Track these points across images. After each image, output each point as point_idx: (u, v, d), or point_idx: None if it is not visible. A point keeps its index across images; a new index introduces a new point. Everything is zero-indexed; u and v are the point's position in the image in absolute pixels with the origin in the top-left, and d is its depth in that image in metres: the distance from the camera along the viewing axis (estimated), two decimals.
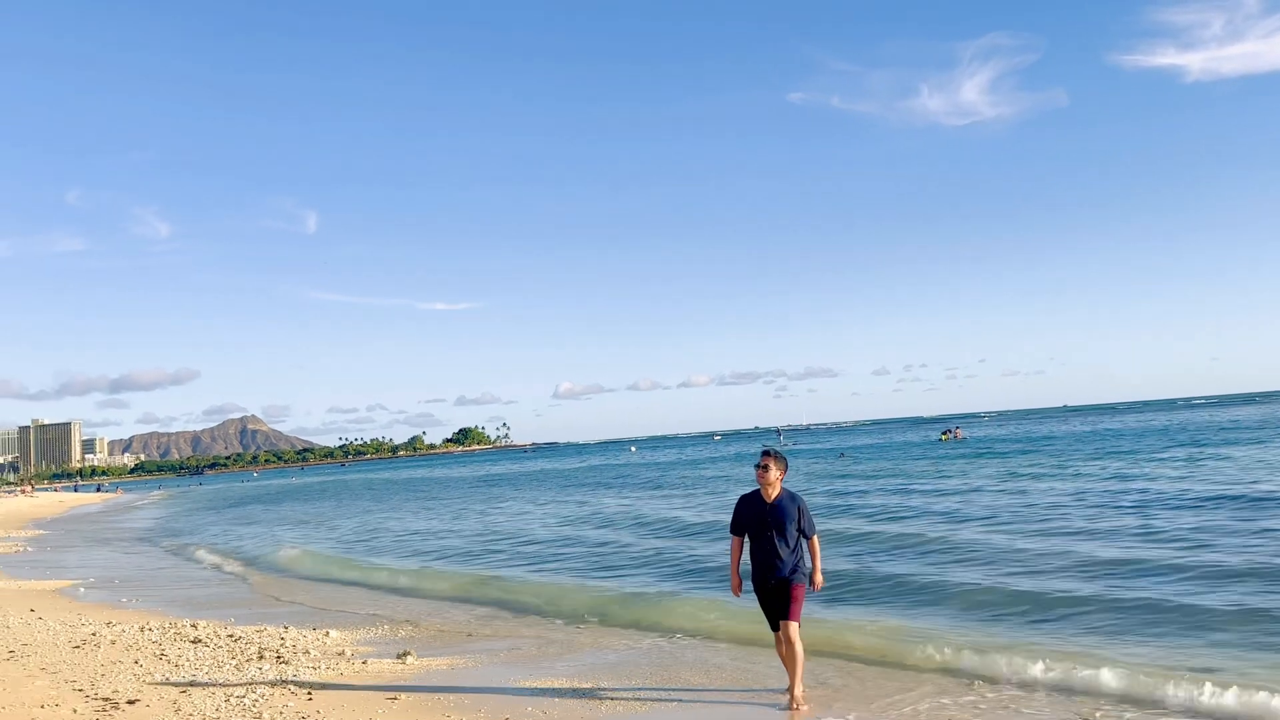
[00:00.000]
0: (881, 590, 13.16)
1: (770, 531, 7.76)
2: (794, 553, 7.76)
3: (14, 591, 18.67)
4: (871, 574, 14.31)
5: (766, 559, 7.78)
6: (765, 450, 7.99)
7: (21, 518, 62.23)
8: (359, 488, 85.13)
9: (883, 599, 12.56)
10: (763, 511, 7.83)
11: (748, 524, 7.94)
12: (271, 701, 8.34)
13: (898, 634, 10.00)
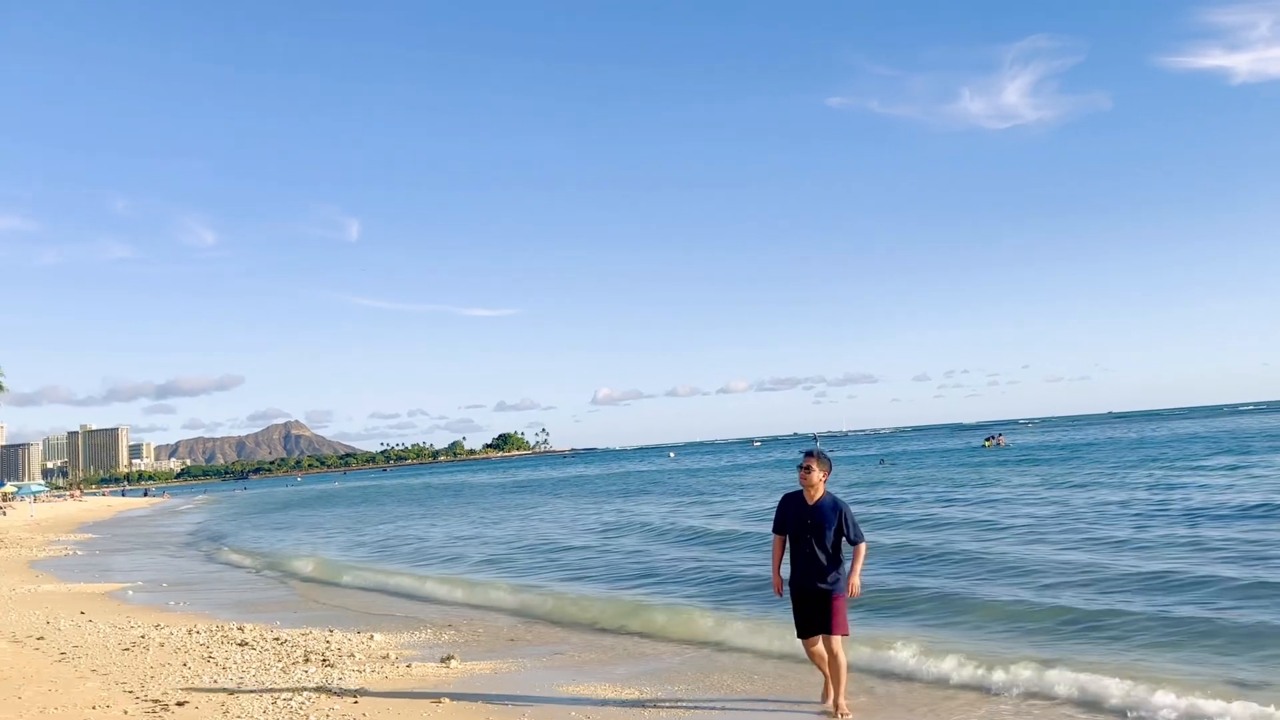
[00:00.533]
0: (923, 602, 12.89)
1: (809, 535, 7.56)
2: (834, 560, 7.54)
3: (64, 594, 19.00)
4: (912, 585, 14.06)
5: (805, 564, 7.58)
6: (808, 451, 7.77)
7: (71, 521, 63.32)
8: (400, 493, 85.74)
9: (924, 612, 12.32)
10: (804, 513, 7.63)
11: (789, 524, 7.76)
12: (318, 704, 8.42)
13: (939, 647, 9.86)
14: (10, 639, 12.45)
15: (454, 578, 19.47)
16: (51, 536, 44.30)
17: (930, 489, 36.01)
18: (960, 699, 8.26)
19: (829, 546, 7.53)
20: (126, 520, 64.35)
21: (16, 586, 20.41)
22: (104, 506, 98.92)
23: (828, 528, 7.53)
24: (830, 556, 7.53)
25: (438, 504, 57.03)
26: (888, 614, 12.19)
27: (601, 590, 16.21)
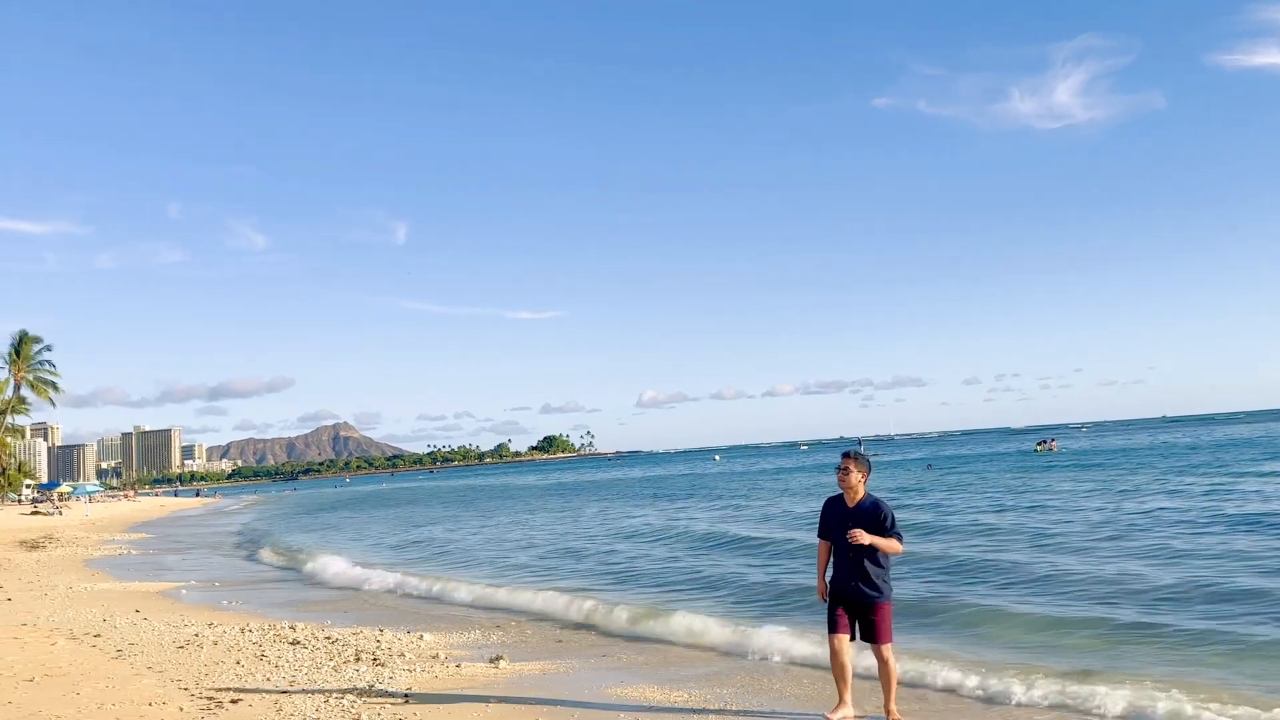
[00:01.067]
0: (965, 612, 12.51)
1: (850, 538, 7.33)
2: (878, 564, 7.31)
3: (120, 593, 19.32)
4: (955, 596, 13.69)
5: (848, 569, 7.36)
6: (845, 452, 7.59)
7: (125, 521, 64.45)
8: (445, 495, 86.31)
9: (966, 623, 11.94)
10: (845, 516, 7.42)
11: (831, 529, 7.55)
12: (369, 703, 8.47)
13: (982, 659, 9.66)
14: (69, 636, 12.68)
15: (502, 579, 19.55)
16: (106, 536, 45.11)
17: (979, 494, 35.54)
18: (1002, 713, 8.10)
19: (873, 550, 7.31)
20: (179, 520, 65.38)
21: (74, 584, 20.79)
22: (157, 506, 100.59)
23: (869, 526, 7.31)
24: (875, 561, 7.32)
25: (482, 506, 57.32)
26: (929, 626, 11.87)
27: (647, 595, 16.18)
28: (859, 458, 7.46)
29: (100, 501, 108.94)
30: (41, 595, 18.38)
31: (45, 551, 33.84)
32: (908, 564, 16.88)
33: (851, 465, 7.41)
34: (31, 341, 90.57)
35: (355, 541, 35.25)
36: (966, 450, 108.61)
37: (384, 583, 19.90)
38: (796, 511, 33.12)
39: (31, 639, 12.41)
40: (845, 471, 7.40)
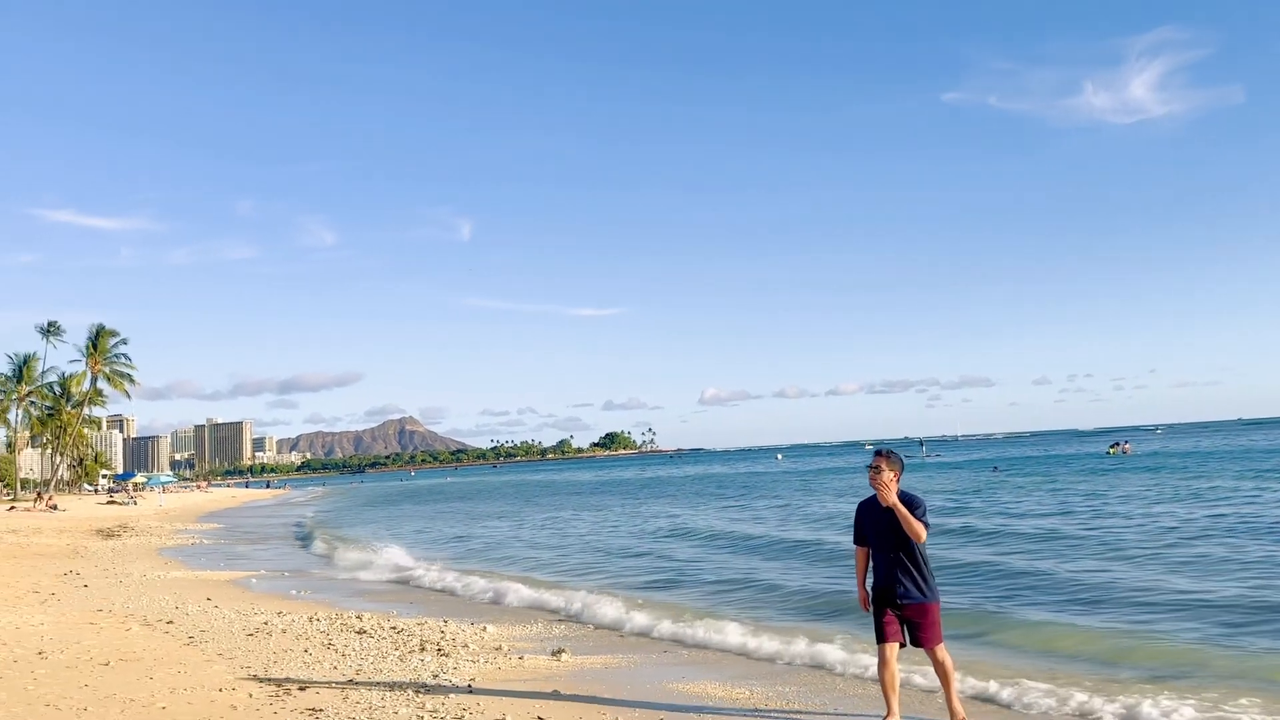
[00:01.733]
0: (1026, 631, 11.75)
1: (890, 538, 7.08)
2: (921, 565, 7.06)
3: (192, 581, 19.74)
4: (1015, 612, 12.87)
5: (890, 572, 7.09)
6: (878, 450, 7.27)
7: (198, 511, 65.89)
8: (509, 489, 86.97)
9: (1024, 640, 11.22)
10: (880, 518, 7.14)
11: (868, 533, 7.32)
12: (434, 693, 8.54)
13: (1034, 673, 9.33)
14: (142, 622, 12.99)
15: (554, 578, 19.65)
16: (179, 525, 46.16)
17: (1046, 498, 34.80)
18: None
19: (912, 549, 7.05)
20: (249, 511, 66.67)
21: (147, 572, 21.29)
22: (228, 497, 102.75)
23: (901, 525, 7.03)
24: (916, 561, 7.06)
25: (542, 502, 57.67)
26: (977, 640, 11.27)
27: (705, 593, 16.14)
28: (891, 456, 7.20)
29: (173, 492, 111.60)
30: (117, 583, 18.85)
31: (120, 540, 34.70)
32: (965, 571, 16.60)
33: (883, 464, 7.12)
34: (108, 335, 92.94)
35: (419, 534, 35.67)
36: (1034, 452, 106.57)
37: (445, 576, 20.09)
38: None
39: (107, 624, 12.73)
40: (877, 470, 7.11)
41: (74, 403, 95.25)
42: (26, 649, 10.44)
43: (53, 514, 53.62)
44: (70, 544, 31.11)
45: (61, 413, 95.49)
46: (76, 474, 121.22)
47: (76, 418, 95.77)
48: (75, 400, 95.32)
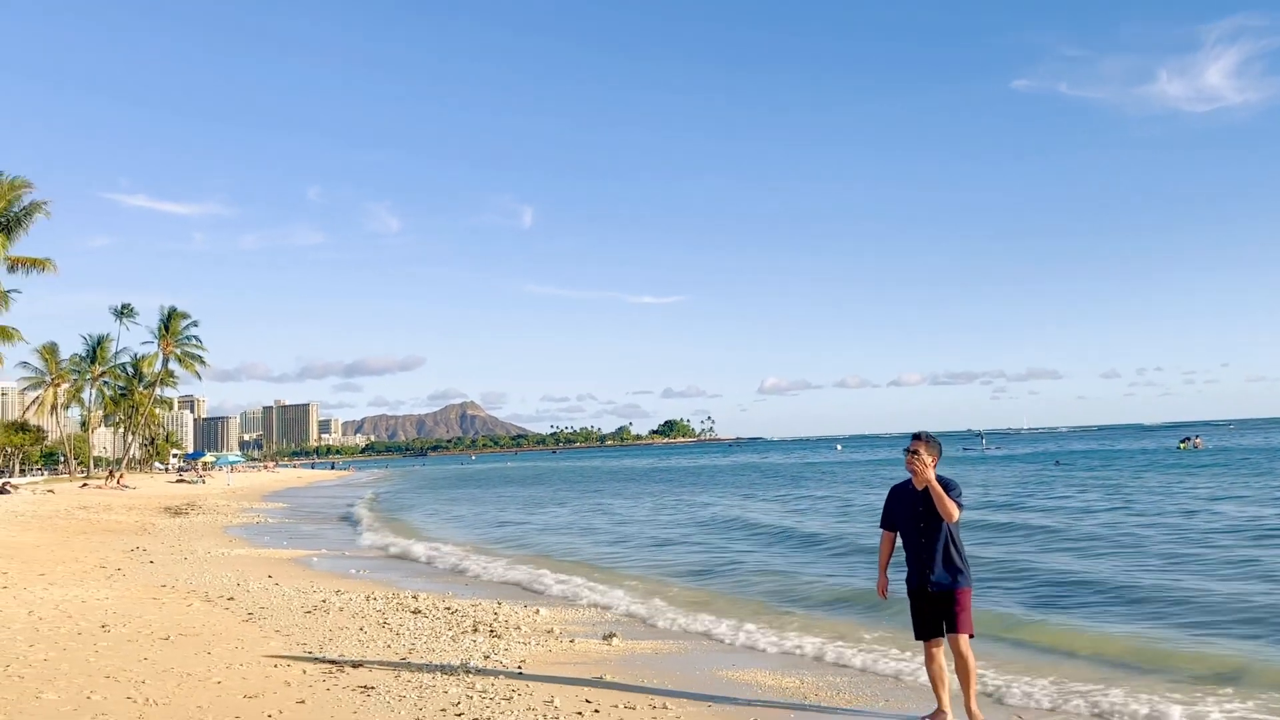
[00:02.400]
0: (1066, 636, 11.00)
1: (922, 524, 6.78)
2: (955, 551, 6.78)
3: (254, 558, 20.10)
4: (1054, 617, 11.79)
5: (921, 558, 6.81)
6: (915, 434, 6.95)
7: (264, 490, 67.17)
8: (568, 475, 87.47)
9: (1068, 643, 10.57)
10: (914, 502, 6.85)
11: (899, 518, 7.00)
12: (484, 674, 8.58)
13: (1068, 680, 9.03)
14: (204, 598, 13.23)
15: (609, 564, 19.68)
16: (245, 504, 47.07)
17: (1110, 493, 34.02)
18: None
19: (946, 535, 6.77)
20: (314, 491, 67.82)
21: (212, 549, 21.71)
22: (294, 477, 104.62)
23: (938, 509, 6.73)
24: (950, 547, 6.78)
25: (600, 488, 57.87)
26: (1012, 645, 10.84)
27: (755, 584, 16.05)
28: (930, 440, 6.88)
29: (241, 472, 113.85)
30: (182, 559, 19.24)
31: (187, 518, 35.47)
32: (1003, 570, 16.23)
33: (921, 448, 6.82)
34: (180, 317, 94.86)
35: (476, 517, 36.01)
36: (1102, 446, 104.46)
37: (499, 559, 20.23)
38: None
39: (169, 600, 12.98)
40: (914, 453, 6.82)
41: (146, 383, 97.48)
42: (90, 622, 10.68)
43: (123, 491, 54.99)
44: (139, 521, 31.87)
45: (134, 393, 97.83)
46: (148, 453, 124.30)
47: (148, 398, 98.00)
48: (147, 381, 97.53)
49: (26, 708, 6.86)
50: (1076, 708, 7.72)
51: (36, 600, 12.20)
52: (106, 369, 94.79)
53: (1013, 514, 26.48)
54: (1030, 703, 7.89)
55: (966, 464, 67.51)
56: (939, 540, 6.77)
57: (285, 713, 7.00)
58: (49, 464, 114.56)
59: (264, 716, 6.88)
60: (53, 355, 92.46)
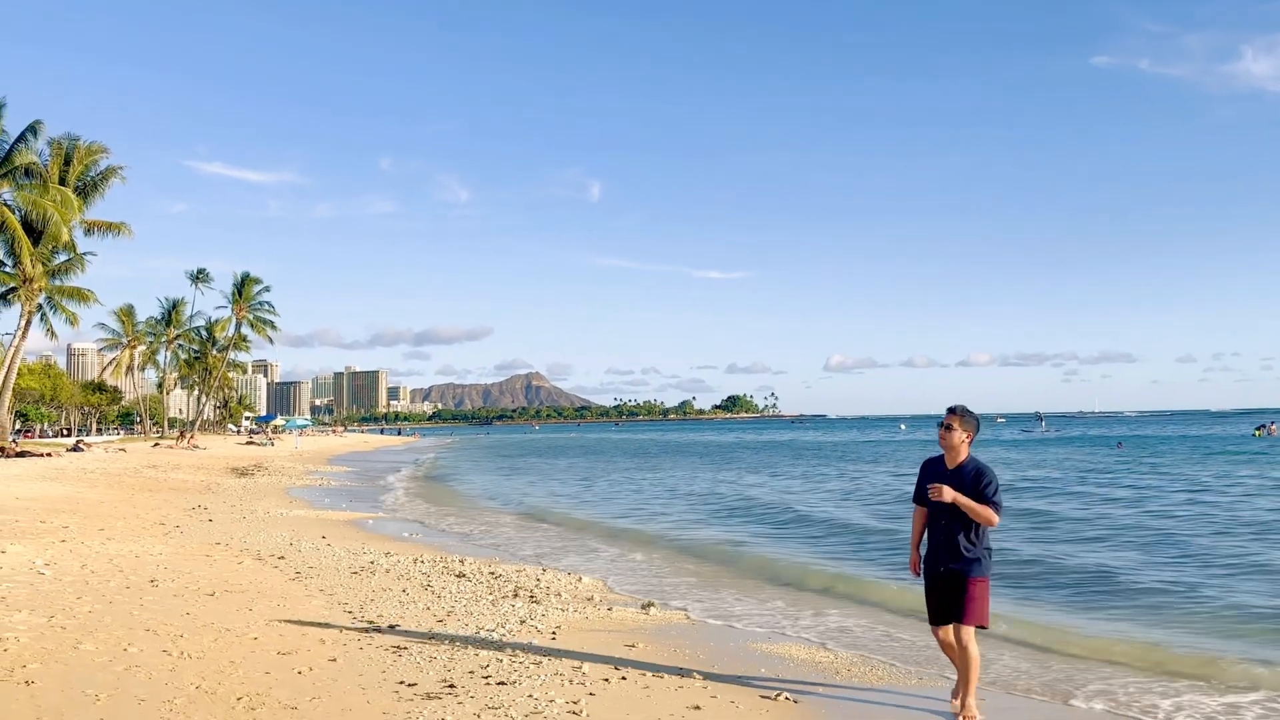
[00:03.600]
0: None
1: (948, 505, 6.43)
2: (976, 535, 6.43)
3: (312, 519, 20.42)
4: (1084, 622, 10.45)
5: (941, 539, 6.52)
6: (951, 408, 6.62)
7: (330, 454, 68.40)
8: (629, 447, 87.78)
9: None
10: (942, 478, 6.51)
11: (927, 494, 6.62)
12: (516, 637, 8.59)
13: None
14: (255, 556, 13.45)
15: (666, 530, 19.66)
16: (310, 467, 47.97)
17: (1171, 480, 33.11)
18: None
19: (967, 520, 6.43)
20: (379, 456, 68.89)
21: (271, 510, 22.11)
22: (360, 442, 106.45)
23: (967, 492, 6.40)
24: (970, 532, 6.43)
25: (660, 461, 57.96)
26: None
27: (811, 555, 15.93)
28: (966, 415, 6.56)
29: (309, 435, 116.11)
30: (240, 518, 19.62)
31: (252, 479, 36.23)
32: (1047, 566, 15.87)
33: (955, 423, 6.51)
34: (253, 283, 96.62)
35: (531, 485, 36.28)
36: (1173, 431, 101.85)
37: (550, 525, 20.36)
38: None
39: (221, 557, 13.23)
40: (948, 429, 6.52)
41: (219, 346, 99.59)
42: (141, 577, 10.90)
43: (193, 452, 56.35)
44: (204, 480, 32.61)
45: (207, 356, 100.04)
46: (222, 415, 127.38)
47: (221, 361, 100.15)
48: (220, 344, 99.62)
49: (64, 657, 7.01)
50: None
51: (92, 554, 12.50)
52: (181, 332, 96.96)
53: (1048, 498, 25.95)
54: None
55: (1021, 447, 66.41)
56: (962, 524, 6.44)
57: (315, 669, 7.07)
58: (126, 424, 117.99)
59: (294, 672, 6.95)
60: (129, 318, 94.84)
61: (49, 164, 50.21)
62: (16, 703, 5.87)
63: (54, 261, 50.49)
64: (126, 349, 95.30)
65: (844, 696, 7.16)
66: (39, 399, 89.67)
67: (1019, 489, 28.61)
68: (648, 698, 6.75)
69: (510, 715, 6.07)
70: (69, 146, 51.64)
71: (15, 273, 48.42)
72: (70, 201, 48.38)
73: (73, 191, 49.81)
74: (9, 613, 8.43)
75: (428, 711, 6.09)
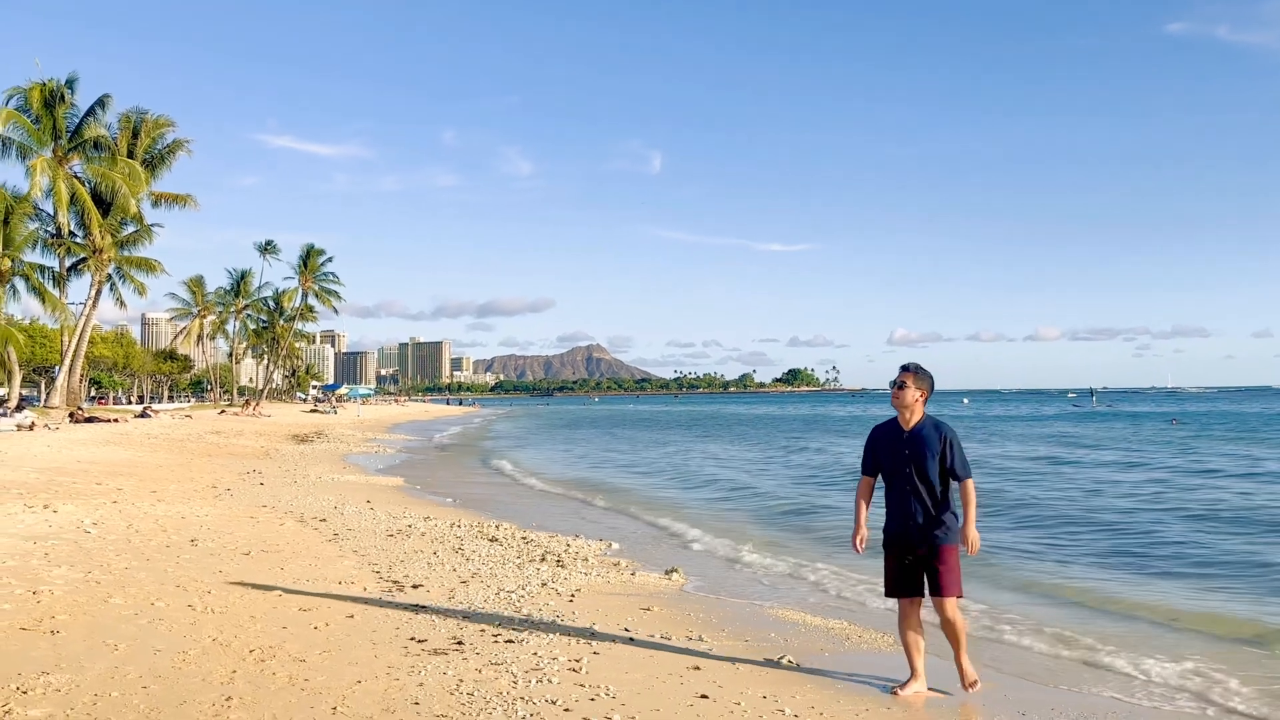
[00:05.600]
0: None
1: (908, 468, 5.98)
2: (941, 501, 5.97)
3: (361, 484, 20.85)
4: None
5: (904, 506, 6.03)
6: (904, 365, 6.16)
7: (390, 422, 69.59)
8: (687, 419, 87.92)
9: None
10: (899, 443, 6.07)
11: (882, 460, 6.17)
12: (535, 599, 8.75)
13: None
14: (298, 519, 13.80)
15: (711, 503, 19.75)
16: (369, 434, 48.87)
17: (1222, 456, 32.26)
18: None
19: (933, 482, 5.95)
20: (438, 424, 69.91)
21: (324, 475, 22.61)
22: (421, 411, 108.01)
23: (929, 456, 5.95)
24: (936, 496, 5.97)
25: (716, 434, 58.03)
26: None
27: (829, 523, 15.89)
28: (919, 372, 6.11)
29: (373, 404, 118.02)
30: (291, 483, 20.10)
31: (311, 445, 37.03)
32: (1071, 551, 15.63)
33: (909, 380, 6.06)
34: (317, 254, 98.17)
35: (582, 455, 36.59)
36: (1239, 408, 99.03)
37: (594, 493, 20.55)
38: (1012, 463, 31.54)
39: (265, 519, 13.60)
40: (901, 387, 6.07)
41: (286, 317, 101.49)
42: (182, 537, 11.26)
43: (258, 419, 57.65)
44: (264, 446, 33.40)
45: (275, 325, 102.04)
46: (290, 383, 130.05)
47: (288, 331, 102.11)
48: (287, 314, 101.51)
49: (93, 609, 7.30)
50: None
51: (140, 515, 12.93)
52: (249, 302, 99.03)
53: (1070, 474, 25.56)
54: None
55: (1066, 420, 65.42)
56: (927, 490, 6.00)
57: (331, 625, 7.28)
58: (197, 392, 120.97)
59: (310, 628, 7.16)
60: (199, 288, 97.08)
61: (118, 137, 51.48)
62: (38, 650, 6.14)
63: (122, 233, 51.83)
64: (196, 319, 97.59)
65: (848, 663, 7.18)
66: (112, 367, 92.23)
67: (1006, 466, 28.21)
68: (650, 658, 6.86)
69: (511, 671, 6.21)
70: (137, 120, 52.88)
71: (86, 243, 49.83)
72: (138, 174, 49.60)
73: (140, 164, 51.03)
74: (50, 567, 8.79)
75: (431, 666, 6.26)
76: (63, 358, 50.93)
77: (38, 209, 48.35)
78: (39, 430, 30.98)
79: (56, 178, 45.94)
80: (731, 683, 6.27)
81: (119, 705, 5.20)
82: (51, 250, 49.97)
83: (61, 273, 50.49)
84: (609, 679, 6.17)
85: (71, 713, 5.05)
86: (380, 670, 6.14)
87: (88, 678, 5.63)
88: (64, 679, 5.58)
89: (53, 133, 47.19)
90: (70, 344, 50.18)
